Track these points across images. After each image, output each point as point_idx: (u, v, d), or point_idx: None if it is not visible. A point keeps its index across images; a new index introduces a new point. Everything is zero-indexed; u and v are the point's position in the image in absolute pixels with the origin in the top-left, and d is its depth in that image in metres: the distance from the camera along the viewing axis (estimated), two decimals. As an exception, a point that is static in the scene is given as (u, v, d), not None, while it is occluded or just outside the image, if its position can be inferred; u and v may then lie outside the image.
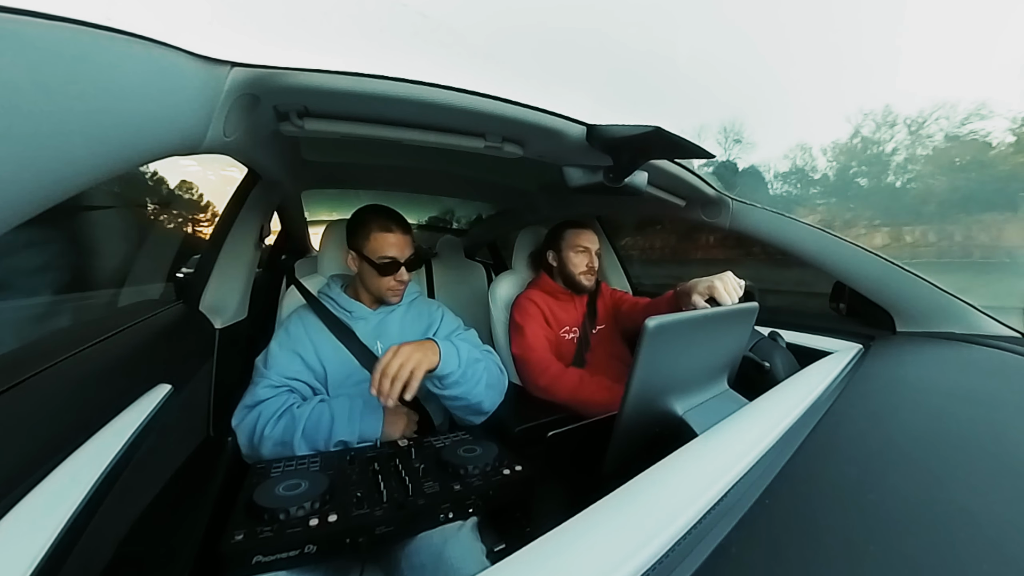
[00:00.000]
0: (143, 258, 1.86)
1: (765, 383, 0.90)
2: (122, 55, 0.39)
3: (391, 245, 1.09)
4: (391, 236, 1.09)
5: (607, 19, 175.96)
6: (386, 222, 1.11)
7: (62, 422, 0.59)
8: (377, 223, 1.10)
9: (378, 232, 1.10)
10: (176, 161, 0.60)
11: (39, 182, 0.34)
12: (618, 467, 0.66)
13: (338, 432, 0.92)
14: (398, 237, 1.10)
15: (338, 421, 0.93)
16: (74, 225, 1.49)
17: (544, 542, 0.39)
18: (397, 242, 1.10)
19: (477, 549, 0.74)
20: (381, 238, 1.09)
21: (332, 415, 0.94)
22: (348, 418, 0.94)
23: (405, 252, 1.11)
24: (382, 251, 1.09)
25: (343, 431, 0.92)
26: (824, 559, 0.35)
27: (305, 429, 0.92)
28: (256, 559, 0.61)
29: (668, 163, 1.01)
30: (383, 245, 1.09)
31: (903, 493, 0.43)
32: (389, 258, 1.09)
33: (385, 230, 1.10)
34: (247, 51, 0.56)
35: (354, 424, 0.94)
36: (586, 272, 1.44)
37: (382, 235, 1.09)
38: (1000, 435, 0.55)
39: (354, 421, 0.94)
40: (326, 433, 0.92)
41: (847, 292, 1.21)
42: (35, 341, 0.82)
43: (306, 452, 0.91)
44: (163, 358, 0.89)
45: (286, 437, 0.92)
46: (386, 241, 1.09)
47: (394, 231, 1.10)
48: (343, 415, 0.94)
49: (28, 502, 0.47)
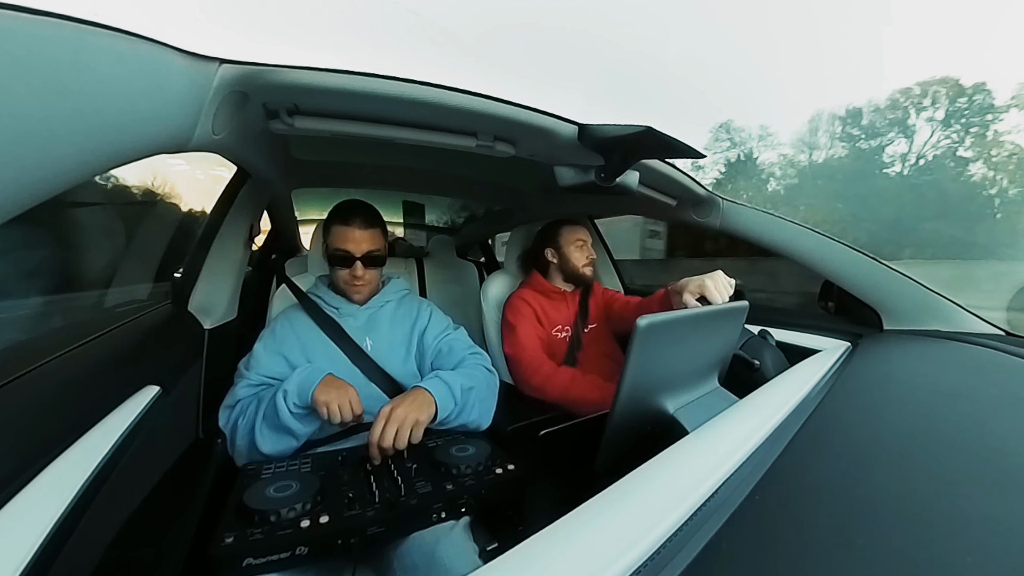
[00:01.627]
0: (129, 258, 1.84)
1: (755, 381, 0.91)
2: (108, 51, 0.38)
3: (347, 239, 1.08)
4: (348, 230, 1.09)
5: (598, 19, 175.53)
6: (347, 216, 1.10)
7: (48, 425, 0.58)
8: (339, 216, 1.10)
9: (337, 225, 1.10)
10: (164, 160, 0.60)
11: (22, 181, 0.34)
12: (610, 465, 0.67)
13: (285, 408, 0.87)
14: (356, 232, 1.09)
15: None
16: (57, 224, 1.46)
17: (536, 541, 0.40)
18: (354, 237, 1.09)
19: (469, 549, 0.73)
20: (339, 231, 1.09)
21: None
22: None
23: (363, 247, 1.09)
24: (337, 243, 1.09)
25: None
26: (813, 553, 0.35)
27: (264, 415, 0.89)
28: (247, 561, 0.60)
29: (659, 163, 1.02)
30: (338, 238, 1.09)
31: (890, 488, 0.44)
32: (343, 251, 1.09)
33: (343, 223, 1.09)
34: (236, 48, 0.55)
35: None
36: (588, 264, 1.47)
37: (340, 228, 1.09)
38: (984, 431, 0.56)
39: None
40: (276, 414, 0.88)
41: (835, 291, 1.23)
42: (20, 342, 0.80)
43: (270, 444, 0.89)
44: (151, 359, 0.88)
45: (259, 423, 0.89)
46: (342, 234, 1.09)
47: (351, 225, 1.09)
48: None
49: (14, 505, 0.47)
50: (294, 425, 0.88)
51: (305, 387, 0.88)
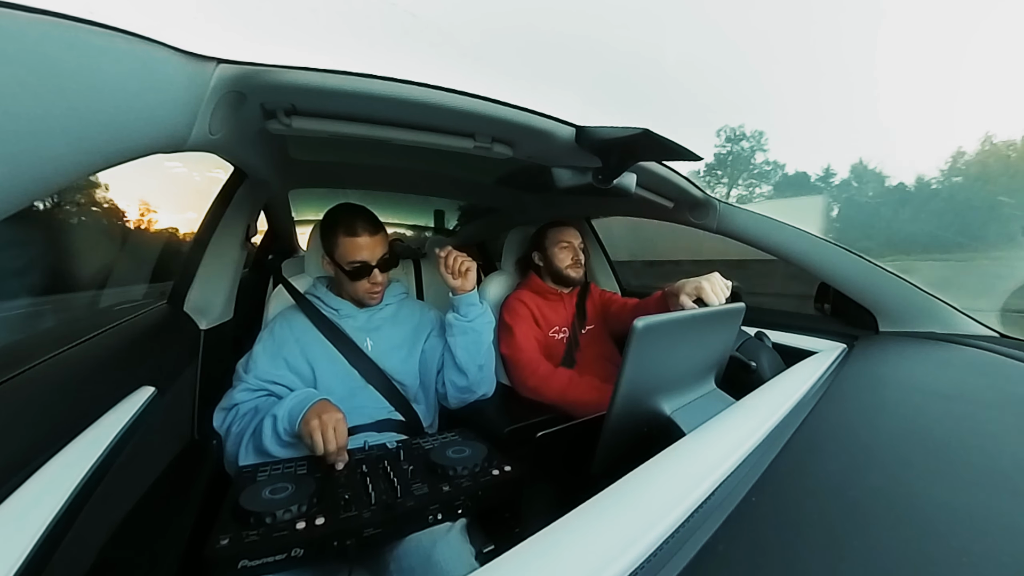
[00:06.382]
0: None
1: (751, 382, 0.91)
2: (104, 50, 0.38)
3: (359, 249, 1.05)
4: (358, 240, 1.05)
5: (596, 22, 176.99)
6: (351, 225, 1.06)
7: (42, 425, 0.57)
8: (343, 227, 1.06)
9: (344, 237, 1.06)
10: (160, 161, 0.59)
11: (17, 179, 0.33)
12: (607, 467, 0.67)
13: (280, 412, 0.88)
14: (366, 240, 1.06)
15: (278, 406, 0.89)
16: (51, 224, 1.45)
17: (533, 542, 0.39)
18: (366, 244, 1.06)
19: (466, 550, 0.73)
20: (348, 243, 1.05)
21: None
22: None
23: (376, 253, 1.07)
24: (351, 256, 1.06)
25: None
26: (809, 555, 0.35)
27: (253, 433, 0.90)
28: (242, 563, 0.60)
29: (656, 165, 1.02)
30: (351, 250, 1.06)
31: (885, 490, 0.44)
32: (359, 262, 1.06)
33: (351, 234, 1.05)
34: (233, 47, 0.55)
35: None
36: (572, 265, 1.46)
37: (349, 240, 1.05)
38: (979, 432, 0.56)
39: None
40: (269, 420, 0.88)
41: (831, 293, 1.24)
42: (14, 343, 0.80)
43: (252, 461, 0.88)
44: (146, 360, 0.88)
45: (247, 438, 0.90)
46: (354, 246, 1.05)
47: (360, 234, 1.05)
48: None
49: (8, 506, 0.46)
50: (276, 452, 0.88)
51: (295, 413, 0.85)
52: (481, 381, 1.14)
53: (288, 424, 0.85)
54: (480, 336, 1.11)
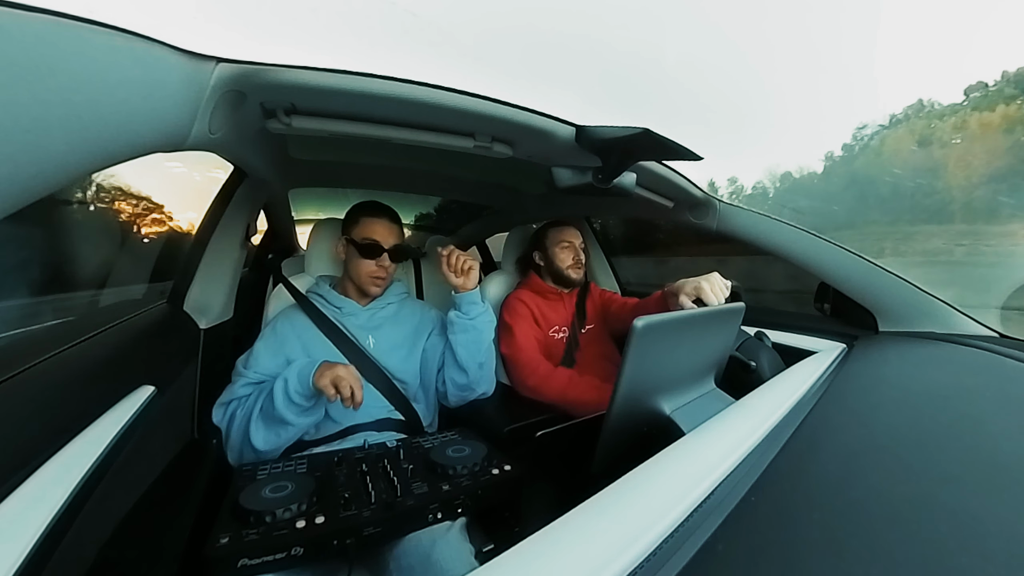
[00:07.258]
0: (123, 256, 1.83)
1: (751, 382, 0.91)
2: (104, 49, 0.38)
3: (377, 228, 1.13)
4: (378, 221, 1.14)
5: (596, 22, 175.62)
6: (375, 209, 1.17)
7: (42, 425, 0.57)
8: (367, 210, 1.17)
9: (366, 216, 1.15)
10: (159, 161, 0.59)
11: (16, 178, 0.33)
12: (606, 466, 0.67)
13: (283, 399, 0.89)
14: (384, 224, 1.15)
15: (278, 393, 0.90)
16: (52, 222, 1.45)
17: (532, 542, 0.39)
18: (383, 228, 1.14)
19: (466, 550, 0.73)
20: (368, 222, 1.14)
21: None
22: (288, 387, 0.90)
23: (389, 240, 1.14)
24: (367, 232, 1.13)
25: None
26: (808, 555, 0.35)
27: (262, 407, 0.91)
28: (242, 562, 0.60)
29: (656, 165, 1.02)
30: (368, 228, 1.13)
31: (885, 490, 0.44)
32: (372, 240, 1.12)
33: (373, 216, 1.15)
34: (233, 47, 0.55)
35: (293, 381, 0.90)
36: (573, 265, 1.47)
37: (369, 219, 1.14)
38: (979, 432, 0.56)
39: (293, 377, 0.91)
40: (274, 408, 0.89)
41: (831, 292, 1.23)
42: (13, 342, 0.80)
43: (262, 438, 0.90)
44: (146, 359, 0.88)
45: (256, 414, 0.92)
46: (372, 224, 1.14)
47: (381, 218, 1.15)
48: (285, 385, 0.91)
49: (8, 505, 0.46)
50: (290, 415, 0.89)
51: (305, 373, 0.89)
52: (481, 379, 1.15)
53: (299, 384, 0.89)
54: (481, 334, 1.12)
